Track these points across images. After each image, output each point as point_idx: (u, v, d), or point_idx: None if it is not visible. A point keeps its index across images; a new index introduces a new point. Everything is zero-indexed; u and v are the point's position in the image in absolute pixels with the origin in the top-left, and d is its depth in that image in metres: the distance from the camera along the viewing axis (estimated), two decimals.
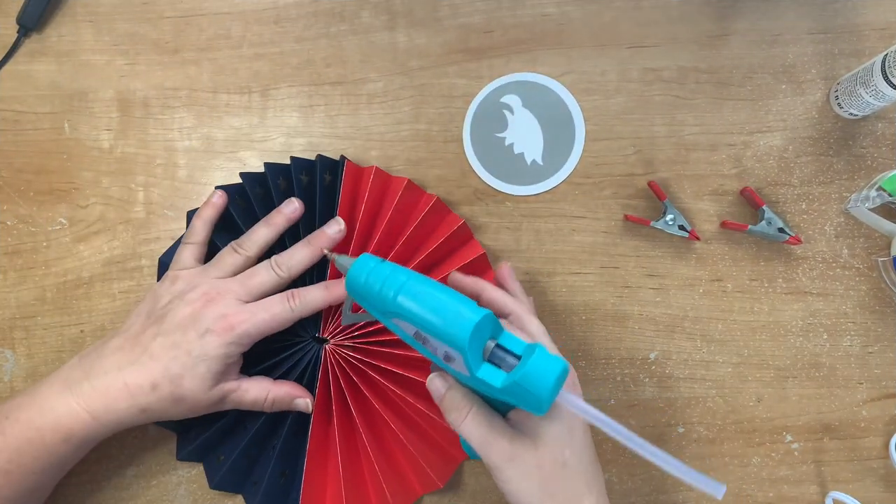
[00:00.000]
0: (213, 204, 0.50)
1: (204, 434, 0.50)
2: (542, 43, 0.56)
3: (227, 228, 0.51)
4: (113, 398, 0.43)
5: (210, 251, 0.50)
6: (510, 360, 0.37)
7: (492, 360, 0.37)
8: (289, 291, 0.46)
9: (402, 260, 0.51)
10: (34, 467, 0.43)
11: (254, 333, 0.44)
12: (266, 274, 0.47)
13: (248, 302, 0.45)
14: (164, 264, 0.52)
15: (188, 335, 0.44)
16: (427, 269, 0.52)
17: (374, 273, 0.39)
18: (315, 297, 0.47)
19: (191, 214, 0.52)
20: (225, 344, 0.44)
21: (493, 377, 0.36)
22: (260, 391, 0.47)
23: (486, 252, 0.53)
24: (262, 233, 0.48)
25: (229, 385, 0.46)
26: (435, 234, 0.53)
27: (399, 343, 0.50)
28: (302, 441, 0.49)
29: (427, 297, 0.37)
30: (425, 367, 0.50)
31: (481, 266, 0.53)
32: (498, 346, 0.37)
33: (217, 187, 0.51)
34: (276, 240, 0.49)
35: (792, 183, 0.55)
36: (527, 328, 0.43)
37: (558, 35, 0.56)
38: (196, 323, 0.44)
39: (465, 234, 0.54)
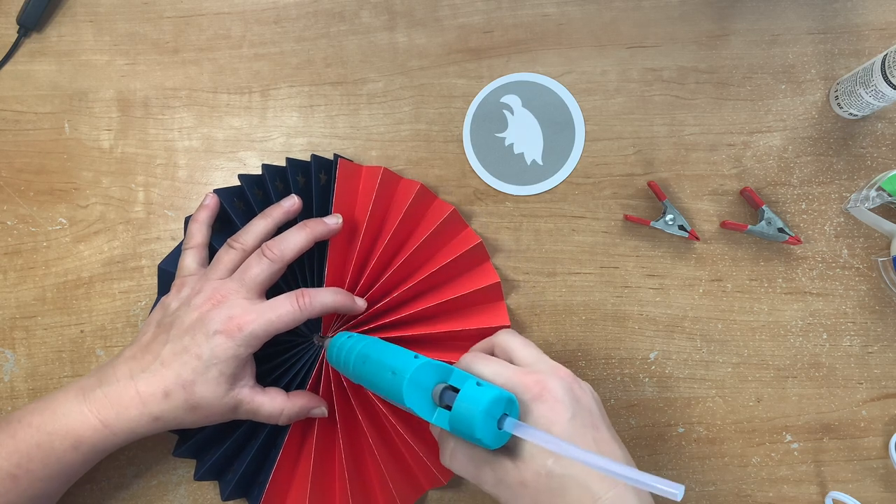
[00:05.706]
0: (205, 206, 0.50)
1: (201, 432, 0.50)
2: (542, 43, 0.56)
3: (226, 232, 0.51)
4: (125, 406, 0.43)
5: (212, 256, 0.50)
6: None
7: (446, 403, 0.36)
8: (298, 291, 0.46)
9: (409, 271, 0.51)
10: (42, 474, 0.43)
11: (261, 334, 0.44)
12: (258, 264, 0.46)
13: (251, 297, 0.45)
14: (163, 272, 0.52)
15: (197, 339, 0.43)
16: (434, 287, 0.51)
17: (340, 349, 0.44)
18: (324, 298, 0.46)
19: (188, 221, 0.52)
20: (234, 346, 0.43)
21: (444, 421, 0.36)
22: (274, 409, 0.46)
23: (500, 282, 0.53)
24: (259, 225, 0.48)
25: (244, 394, 0.45)
26: (447, 249, 0.52)
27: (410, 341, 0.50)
28: (283, 432, 0.50)
29: (369, 365, 0.41)
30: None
31: (492, 295, 0.52)
32: (449, 388, 0.37)
33: (214, 190, 0.51)
34: (273, 233, 0.49)
35: (792, 183, 0.55)
36: (515, 355, 0.41)
37: (558, 35, 0.56)
38: (204, 326, 0.44)
39: (480, 255, 0.53)
